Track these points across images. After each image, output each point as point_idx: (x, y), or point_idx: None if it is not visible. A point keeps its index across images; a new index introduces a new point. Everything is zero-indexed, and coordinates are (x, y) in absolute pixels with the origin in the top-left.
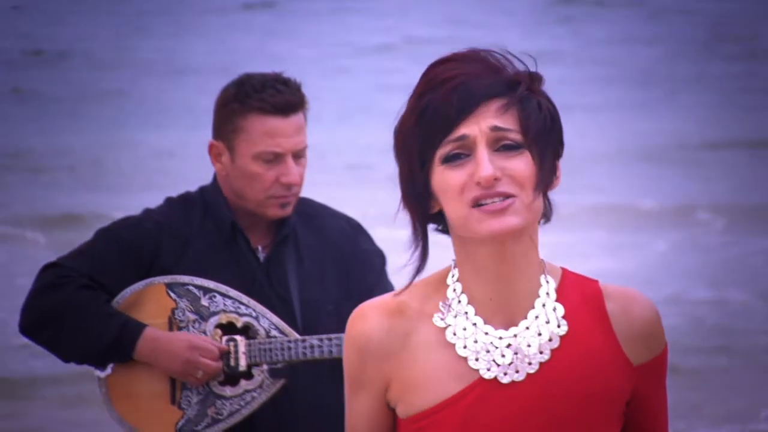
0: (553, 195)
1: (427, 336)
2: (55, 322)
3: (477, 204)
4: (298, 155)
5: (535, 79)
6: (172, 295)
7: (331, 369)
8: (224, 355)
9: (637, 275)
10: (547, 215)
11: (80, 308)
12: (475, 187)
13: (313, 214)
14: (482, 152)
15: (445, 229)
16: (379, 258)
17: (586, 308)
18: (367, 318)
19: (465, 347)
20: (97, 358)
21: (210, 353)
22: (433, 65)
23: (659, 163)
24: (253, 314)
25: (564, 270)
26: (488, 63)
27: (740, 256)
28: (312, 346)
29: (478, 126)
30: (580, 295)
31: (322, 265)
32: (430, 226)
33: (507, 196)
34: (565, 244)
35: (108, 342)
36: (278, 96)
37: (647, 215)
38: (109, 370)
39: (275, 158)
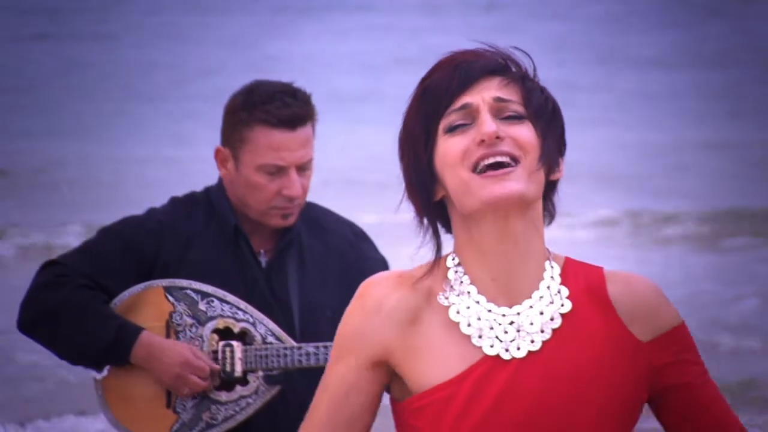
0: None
1: (433, 315)
2: (52, 321)
3: (479, 167)
4: (303, 168)
5: (536, 77)
6: (170, 298)
7: None
8: (218, 371)
9: None
10: (551, 214)
11: (78, 308)
12: (478, 148)
13: (318, 219)
14: (485, 114)
15: (445, 225)
16: (382, 266)
17: (588, 292)
18: (379, 285)
19: (469, 325)
20: (93, 359)
21: (201, 371)
22: (435, 63)
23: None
24: (250, 320)
25: (567, 258)
26: (490, 52)
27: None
28: (308, 354)
29: (481, 96)
30: (583, 280)
31: (323, 271)
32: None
33: (510, 156)
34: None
35: (104, 344)
36: (285, 109)
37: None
38: (105, 372)
39: (278, 171)
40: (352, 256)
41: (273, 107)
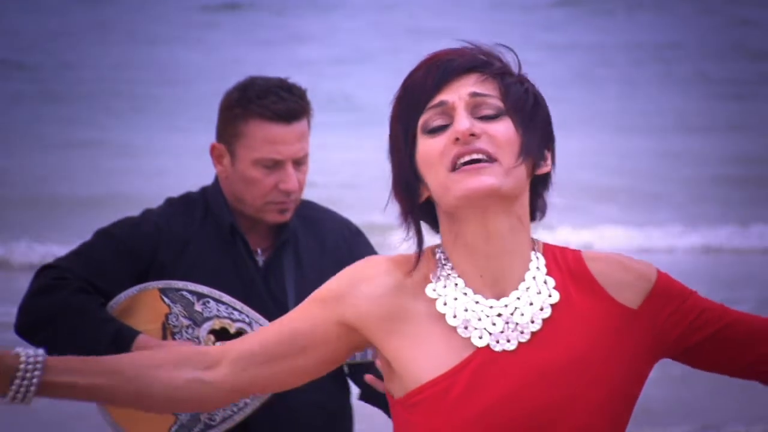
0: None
1: (421, 303)
2: (49, 325)
3: (456, 166)
4: (299, 162)
5: (521, 71)
6: (166, 300)
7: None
8: None
9: None
10: (541, 210)
11: (75, 312)
12: (453, 146)
13: (314, 217)
14: (461, 112)
15: (433, 224)
16: None
17: (573, 276)
18: (373, 260)
19: (455, 316)
20: None
21: None
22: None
23: None
24: (247, 320)
25: (545, 244)
26: (471, 50)
27: None
28: None
29: (457, 93)
30: (565, 264)
31: (320, 270)
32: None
33: (486, 154)
34: None
35: (101, 348)
36: (281, 103)
37: None
38: None
39: (275, 165)
40: (348, 254)
41: (269, 101)
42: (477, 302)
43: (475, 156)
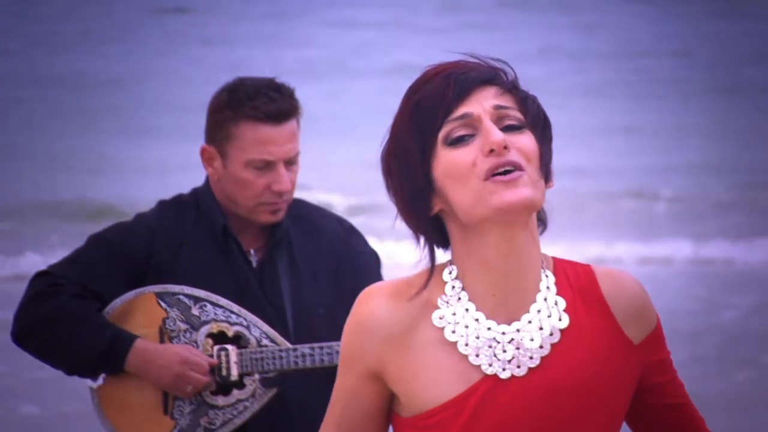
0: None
1: (429, 330)
2: (46, 331)
3: (489, 176)
4: (290, 162)
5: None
6: (163, 304)
7: (324, 377)
8: (216, 365)
9: None
10: (544, 222)
11: (71, 318)
12: (487, 158)
13: (306, 215)
14: (489, 123)
15: (439, 239)
16: (373, 259)
17: (583, 296)
18: (373, 297)
19: (467, 345)
20: (88, 368)
21: (200, 368)
22: (420, 75)
23: None
24: (244, 323)
25: (555, 259)
26: (477, 63)
27: None
28: (303, 355)
29: (480, 105)
30: (576, 283)
31: (314, 269)
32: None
33: (518, 167)
34: None
35: (99, 353)
36: (271, 104)
37: None
38: (101, 380)
39: (267, 166)
40: (343, 251)
41: (259, 102)
42: (489, 328)
43: (509, 168)
